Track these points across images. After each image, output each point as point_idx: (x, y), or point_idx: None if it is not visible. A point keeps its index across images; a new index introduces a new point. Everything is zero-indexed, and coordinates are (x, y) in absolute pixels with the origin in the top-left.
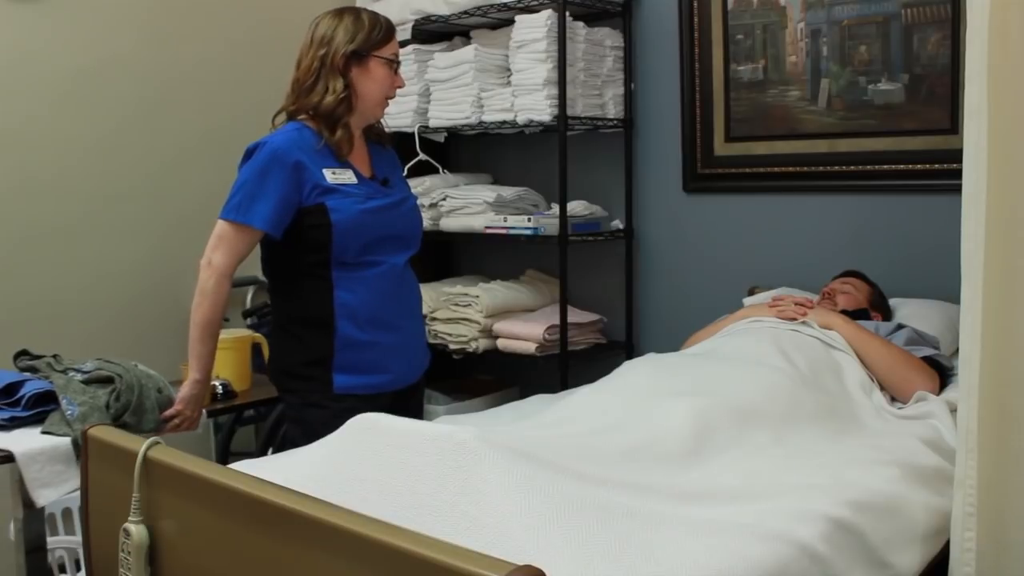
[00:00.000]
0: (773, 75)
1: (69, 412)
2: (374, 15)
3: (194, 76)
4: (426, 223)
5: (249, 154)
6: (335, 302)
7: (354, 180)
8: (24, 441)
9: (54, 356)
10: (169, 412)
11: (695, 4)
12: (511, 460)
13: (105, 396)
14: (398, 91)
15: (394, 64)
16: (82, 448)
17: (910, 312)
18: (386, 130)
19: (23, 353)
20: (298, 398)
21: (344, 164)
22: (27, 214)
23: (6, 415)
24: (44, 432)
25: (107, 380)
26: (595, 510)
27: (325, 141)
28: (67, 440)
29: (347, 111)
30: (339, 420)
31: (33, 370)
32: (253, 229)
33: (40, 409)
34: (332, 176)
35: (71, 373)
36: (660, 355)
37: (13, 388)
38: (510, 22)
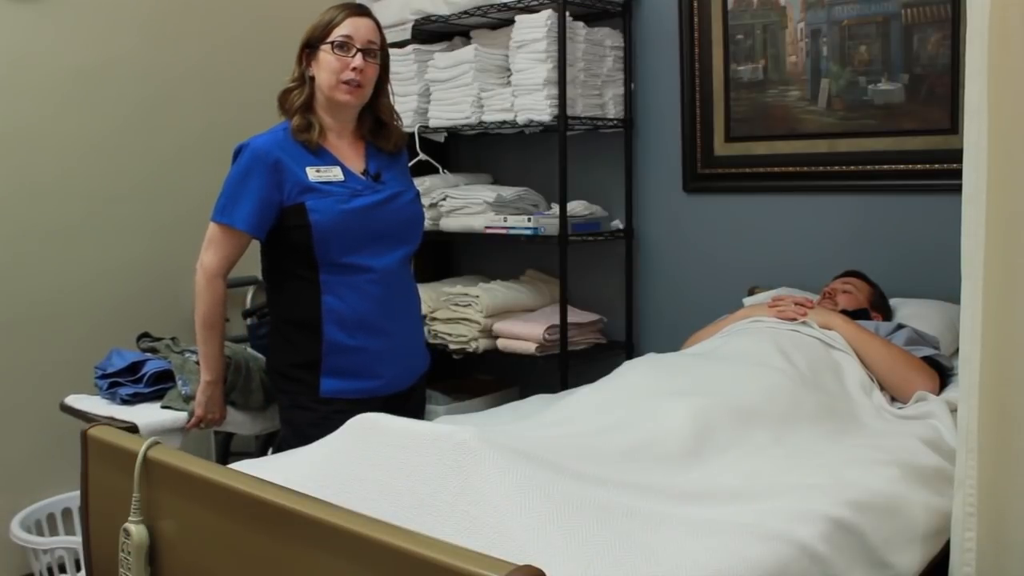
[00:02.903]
0: (773, 75)
1: (184, 390)
2: (333, 6)
3: (194, 76)
4: (426, 223)
5: (235, 156)
6: (322, 307)
7: (340, 177)
8: (146, 415)
9: (172, 339)
10: (194, 421)
11: (695, 4)
12: (511, 460)
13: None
14: (398, 91)
15: (342, 47)
16: (82, 448)
17: (910, 312)
18: (396, 133)
19: (145, 335)
20: (288, 399)
21: (331, 161)
22: (28, 214)
23: (130, 391)
24: (164, 407)
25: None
26: (595, 510)
27: (292, 133)
28: (183, 414)
29: (306, 100)
30: (326, 423)
31: (153, 351)
32: (238, 231)
33: (159, 387)
34: (316, 174)
35: (187, 354)
36: (660, 355)
37: (136, 367)
38: (510, 22)
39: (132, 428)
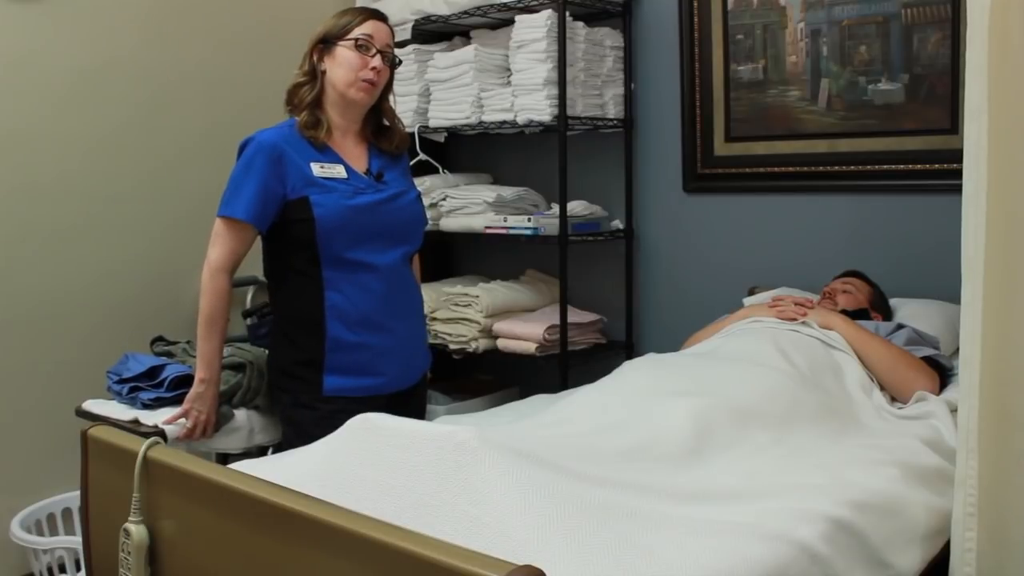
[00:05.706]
0: (773, 75)
1: None
2: (353, 8)
3: (194, 77)
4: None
5: (240, 150)
6: (325, 303)
7: (344, 175)
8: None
9: (187, 342)
10: (178, 412)
11: (695, 4)
12: (511, 460)
13: (240, 380)
14: (398, 91)
15: (364, 47)
16: (82, 448)
17: (910, 312)
18: (398, 135)
19: (159, 339)
20: (290, 398)
21: (335, 159)
22: (27, 214)
23: (151, 396)
24: None
25: (238, 367)
26: (595, 510)
27: (299, 129)
28: None
29: (316, 97)
30: (329, 422)
31: (169, 355)
32: (241, 223)
33: (180, 391)
34: (320, 169)
35: None
36: (660, 355)
37: (155, 371)
38: (510, 22)
39: (160, 433)
